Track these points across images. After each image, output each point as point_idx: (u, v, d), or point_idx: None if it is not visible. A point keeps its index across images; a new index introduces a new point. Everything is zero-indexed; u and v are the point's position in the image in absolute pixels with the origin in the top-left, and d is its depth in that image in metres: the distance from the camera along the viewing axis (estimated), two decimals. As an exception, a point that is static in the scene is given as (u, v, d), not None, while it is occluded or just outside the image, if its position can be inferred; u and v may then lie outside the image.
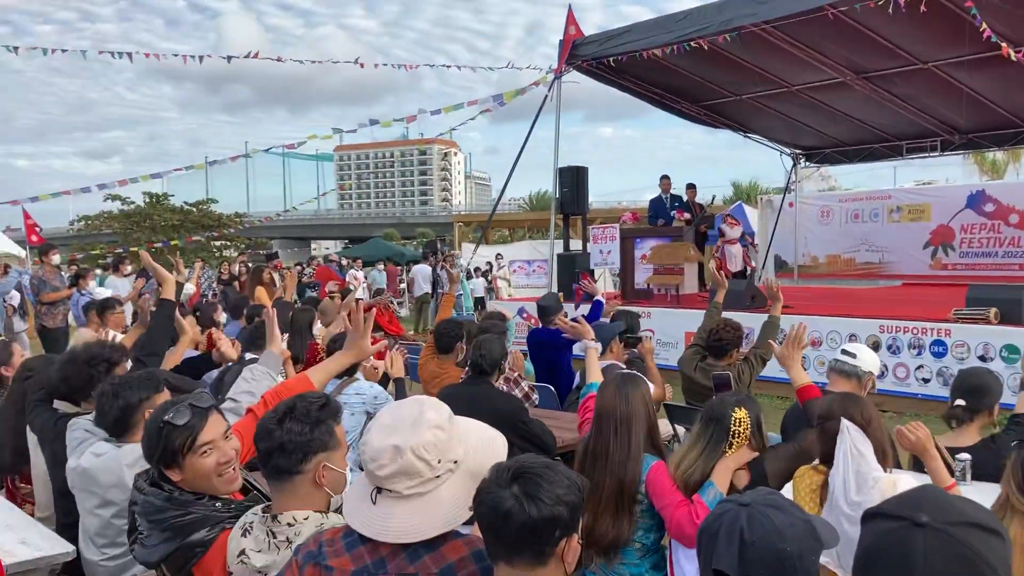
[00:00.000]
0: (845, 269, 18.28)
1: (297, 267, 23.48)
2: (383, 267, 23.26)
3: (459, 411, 2.09)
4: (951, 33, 10.23)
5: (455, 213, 74.08)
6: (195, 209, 37.44)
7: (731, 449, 3.15)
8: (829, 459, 2.98)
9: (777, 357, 4.25)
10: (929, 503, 1.29)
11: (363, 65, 14.61)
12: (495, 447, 2.08)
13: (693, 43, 11.29)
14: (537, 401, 5.69)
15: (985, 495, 2.54)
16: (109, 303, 7.61)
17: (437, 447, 1.93)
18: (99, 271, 14.55)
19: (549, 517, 1.71)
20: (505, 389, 4.96)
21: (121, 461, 2.93)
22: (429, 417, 1.97)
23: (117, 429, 3.04)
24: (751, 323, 7.79)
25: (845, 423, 2.90)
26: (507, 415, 4.20)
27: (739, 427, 3.15)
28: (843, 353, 4.26)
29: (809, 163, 18.53)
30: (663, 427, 5.46)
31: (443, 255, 17.71)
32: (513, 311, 12.43)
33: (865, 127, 15.63)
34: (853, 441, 2.87)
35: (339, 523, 2.13)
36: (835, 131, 16.19)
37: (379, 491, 1.94)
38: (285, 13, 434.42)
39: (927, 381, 8.82)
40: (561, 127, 13.72)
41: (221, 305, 9.45)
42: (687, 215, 13.69)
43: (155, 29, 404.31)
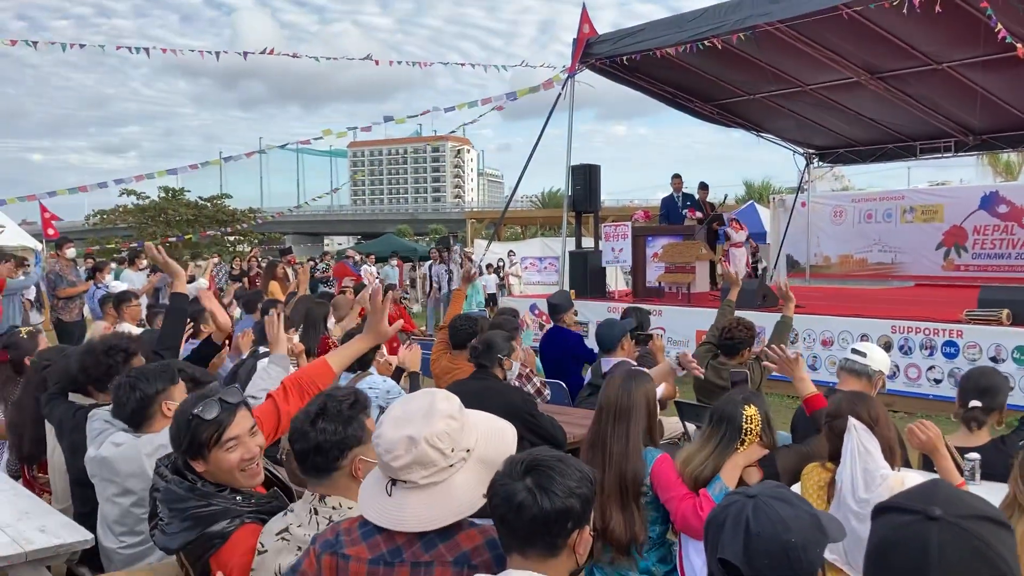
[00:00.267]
0: (857, 269, 18.24)
1: (310, 262, 23.54)
2: (395, 263, 23.32)
3: (468, 405, 2.14)
4: (966, 33, 10.20)
5: (468, 210, 74.16)
6: (209, 204, 37.66)
7: (743, 447, 3.18)
8: (837, 457, 3.01)
9: (782, 372, 4.24)
10: (941, 497, 1.31)
11: (378, 62, 14.67)
12: (505, 436, 2.13)
13: (707, 42, 11.30)
14: (549, 397, 5.72)
15: (994, 495, 2.55)
16: (125, 296, 7.69)
17: (450, 436, 1.98)
18: (114, 265, 14.63)
19: (561, 509, 1.75)
20: (516, 385, 5.00)
21: (141, 451, 2.98)
22: (441, 408, 2.02)
23: (135, 420, 3.09)
24: (762, 322, 7.80)
25: (852, 421, 2.93)
26: (516, 408, 4.22)
27: (751, 424, 3.18)
28: (853, 352, 4.28)
29: (822, 163, 18.49)
30: (674, 424, 5.49)
31: (450, 252, 17.71)
32: (524, 307, 12.45)
33: (879, 127, 15.59)
34: (860, 439, 2.90)
35: None
36: (849, 131, 16.15)
37: (394, 483, 1.99)
38: (300, 9, 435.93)
39: (939, 382, 8.81)
40: (574, 125, 13.76)
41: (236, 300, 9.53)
42: (699, 214, 13.70)
43: (170, 25, 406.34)
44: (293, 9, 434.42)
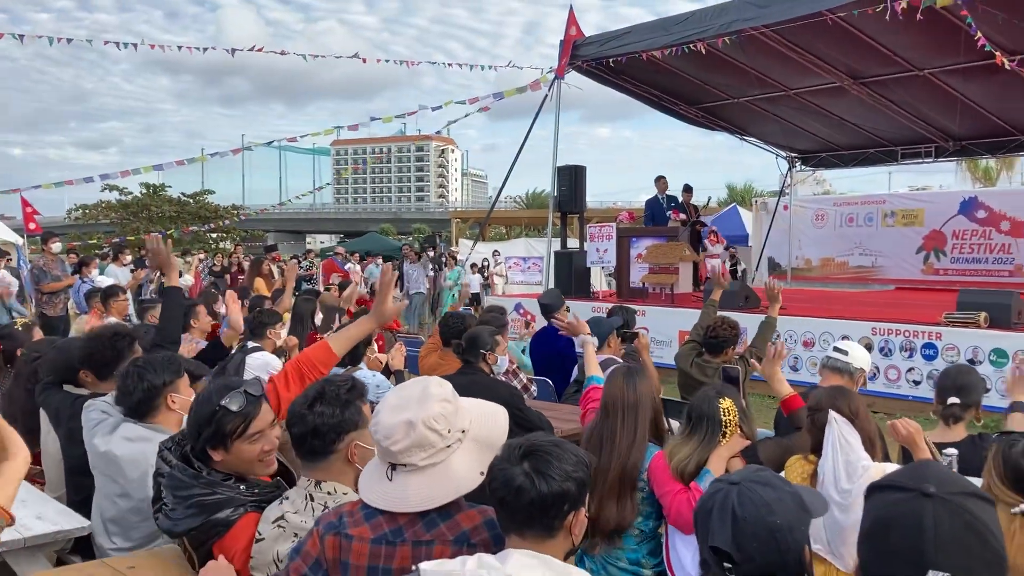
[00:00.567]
0: (838, 272, 18.43)
1: (293, 260, 23.52)
2: (380, 262, 23.31)
3: None
4: (947, 41, 10.37)
5: (452, 209, 74.13)
6: (192, 200, 37.51)
7: (725, 439, 3.27)
8: (819, 449, 3.09)
9: (761, 372, 4.32)
10: (933, 475, 1.39)
11: (365, 60, 14.69)
12: (497, 417, 2.23)
13: (693, 45, 11.39)
14: (535, 393, 5.79)
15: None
16: (113, 291, 7.68)
17: (446, 417, 2.06)
18: (98, 260, 14.59)
19: (558, 492, 1.82)
20: (504, 380, 5.07)
21: (149, 459, 2.87)
22: (434, 392, 2.11)
23: (140, 410, 3.09)
24: (744, 323, 7.91)
25: (833, 414, 3.01)
26: (503, 402, 4.21)
27: (729, 416, 3.28)
28: (835, 350, 4.38)
29: (805, 167, 18.70)
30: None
31: (435, 251, 17.76)
32: (509, 307, 12.52)
33: (861, 132, 15.78)
34: (841, 431, 2.97)
35: None
36: (831, 135, 16.34)
37: (394, 468, 2.05)
38: (285, 7, 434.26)
39: (918, 383, 8.95)
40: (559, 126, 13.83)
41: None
42: (683, 216, 13.81)
43: (154, 20, 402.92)
44: (278, 7, 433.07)
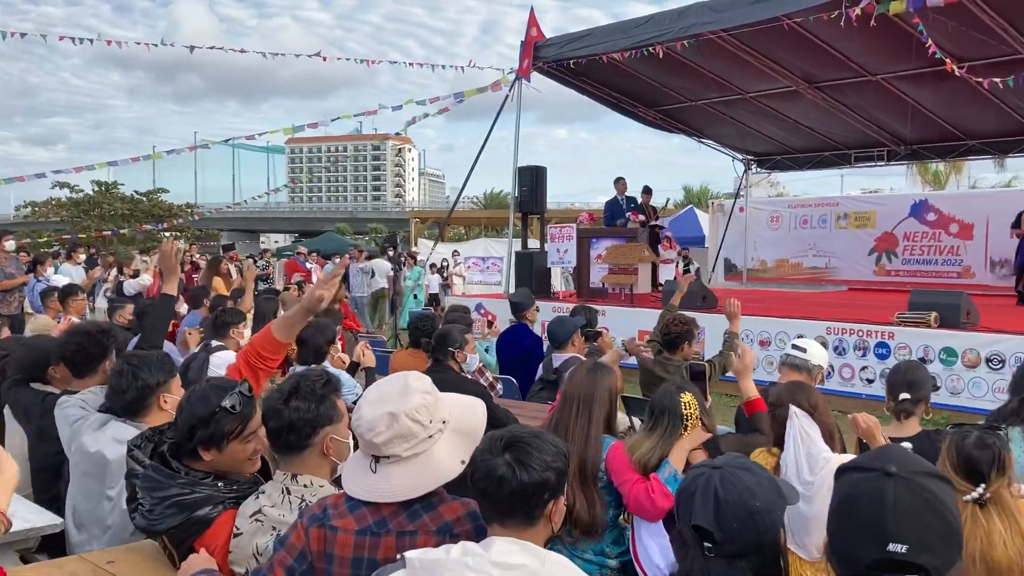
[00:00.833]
0: (793, 273, 18.77)
1: (249, 259, 23.31)
2: (339, 261, 23.15)
3: None
4: (899, 47, 10.64)
5: (410, 209, 73.87)
6: (145, 199, 36.93)
7: (686, 432, 3.37)
8: (781, 443, 3.19)
9: (734, 371, 4.42)
10: (895, 457, 1.50)
11: (325, 59, 14.62)
12: (476, 409, 2.28)
13: (652, 48, 11.54)
14: (501, 391, 5.86)
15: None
16: (71, 289, 7.59)
17: (427, 409, 2.12)
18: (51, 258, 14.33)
19: (539, 482, 1.89)
20: (473, 378, 5.12)
21: None
22: (415, 385, 2.16)
23: (131, 409, 3.06)
24: (702, 323, 8.11)
25: (793, 409, 3.11)
26: (471, 398, 4.33)
27: (690, 410, 3.37)
28: (794, 348, 4.51)
29: (760, 169, 18.99)
30: (621, 418, 5.66)
31: (396, 250, 17.73)
32: (470, 307, 12.54)
33: (815, 135, 16.10)
34: (802, 425, 3.07)
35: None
36: (786, 138, 16.65)
37: (377, 460, 2.10)
38: (238, 3, 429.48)
39: (871, 382, 9.16)
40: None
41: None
42: (641, 217, 13.96)
43: (103, 14, 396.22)
44: (231, 2, 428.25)
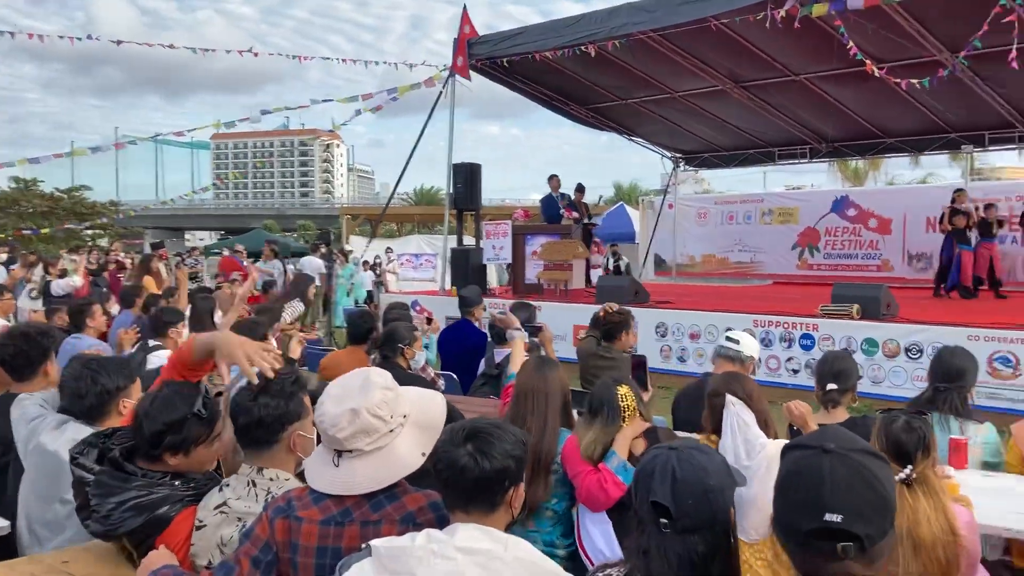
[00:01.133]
0: (720, 268, 19.26)
1: (177, 257, 22.89)
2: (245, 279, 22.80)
3: None
4: (822, 49, 11.01)
5: (341, 205, 73.07)
6: (66, 196, 35.87)
7: (626, 422, 3.49)
8: (719, 431, 3.34)
9: None
10: (832, 436, 1.64)
11: (257, 54, 14.47)
12: (435, 401, 2.36)
13: (584, 47, 11.73)
14: (444, 387, 5.92)
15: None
16: (-2, 289, 7.40)
17: (388, 404, 2.19)
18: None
19: (500, 469, 1.98)
20: (418, 375, 5.19)
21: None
22: (376, 380, 2.22)
23: (92, 414, 3.03)
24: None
25: (729, 398, 3.25)
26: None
27: (627, 401, 3.50)
28: (727, 340, 4.70)
29: (688, 167, 19.39)
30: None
31: (329, 248, 17.63)
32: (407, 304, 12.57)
33: (741, 133, 16.52)
34: (738, 412, 3.22)
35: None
36: (713, 136, 17.04)
37: (340, 455, 2.16)
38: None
39: (796, 372, 9.50)
40: (447, 124, 13.98)
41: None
42: (575, 214, 14.14)
43: (15, 4, 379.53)
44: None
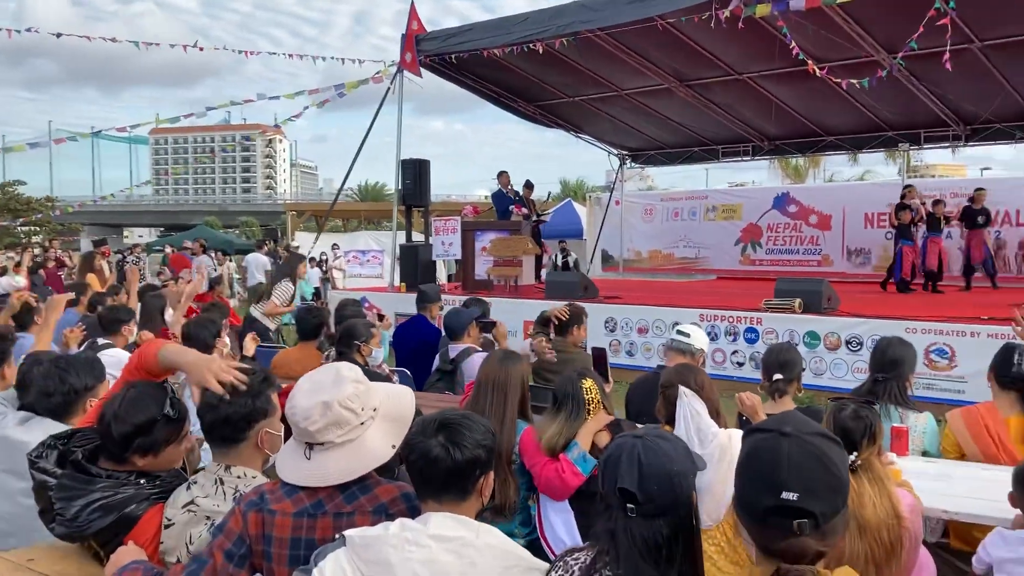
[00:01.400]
0: (666, 263, 19.55)
1: (117, 255, 22.49)
2: (214, 255, 22.60)
3: None
4: (765, 49, 11.27)
5: (285, 201, 72.11)
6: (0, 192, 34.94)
7: (590, 415, 3.59)
8: (672, 421, 3.45)
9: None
10: (790, 421, 1.75)
11: (202, 49, 14.27)
12: (404, 395, 2.43)
13: (532, 45, 11.83)
14: (398, 383, 5.96)
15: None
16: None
17: (359, 397, 2.24)
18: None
19: (471, 459, 2.06)
20: (375, 371, 5.22)
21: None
22: (346, 374, 2.28)
23: (58, 412, 3.03)
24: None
25: (682, 389, 3.37)
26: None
27: (591, 394, 3.60)
28: (678, 333, 4.83)
29: (634, 164, 19.65)
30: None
31: (276, 244, 17.48)
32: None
33: (686, 131, 16.79)
34: (691, 402, 3.34)
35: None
36: (659, 134, 17.29)
37: (311, 447, 2.21)
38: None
39: (741, 365, 9.73)
40: (393, 119, 13.99)
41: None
42: (524, 210, 14.25)
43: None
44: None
